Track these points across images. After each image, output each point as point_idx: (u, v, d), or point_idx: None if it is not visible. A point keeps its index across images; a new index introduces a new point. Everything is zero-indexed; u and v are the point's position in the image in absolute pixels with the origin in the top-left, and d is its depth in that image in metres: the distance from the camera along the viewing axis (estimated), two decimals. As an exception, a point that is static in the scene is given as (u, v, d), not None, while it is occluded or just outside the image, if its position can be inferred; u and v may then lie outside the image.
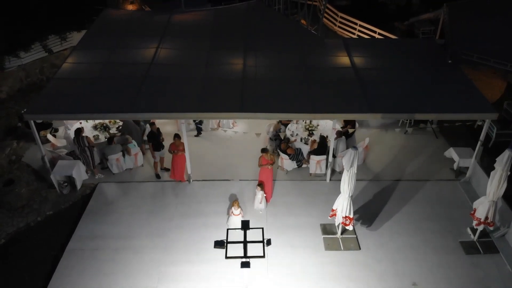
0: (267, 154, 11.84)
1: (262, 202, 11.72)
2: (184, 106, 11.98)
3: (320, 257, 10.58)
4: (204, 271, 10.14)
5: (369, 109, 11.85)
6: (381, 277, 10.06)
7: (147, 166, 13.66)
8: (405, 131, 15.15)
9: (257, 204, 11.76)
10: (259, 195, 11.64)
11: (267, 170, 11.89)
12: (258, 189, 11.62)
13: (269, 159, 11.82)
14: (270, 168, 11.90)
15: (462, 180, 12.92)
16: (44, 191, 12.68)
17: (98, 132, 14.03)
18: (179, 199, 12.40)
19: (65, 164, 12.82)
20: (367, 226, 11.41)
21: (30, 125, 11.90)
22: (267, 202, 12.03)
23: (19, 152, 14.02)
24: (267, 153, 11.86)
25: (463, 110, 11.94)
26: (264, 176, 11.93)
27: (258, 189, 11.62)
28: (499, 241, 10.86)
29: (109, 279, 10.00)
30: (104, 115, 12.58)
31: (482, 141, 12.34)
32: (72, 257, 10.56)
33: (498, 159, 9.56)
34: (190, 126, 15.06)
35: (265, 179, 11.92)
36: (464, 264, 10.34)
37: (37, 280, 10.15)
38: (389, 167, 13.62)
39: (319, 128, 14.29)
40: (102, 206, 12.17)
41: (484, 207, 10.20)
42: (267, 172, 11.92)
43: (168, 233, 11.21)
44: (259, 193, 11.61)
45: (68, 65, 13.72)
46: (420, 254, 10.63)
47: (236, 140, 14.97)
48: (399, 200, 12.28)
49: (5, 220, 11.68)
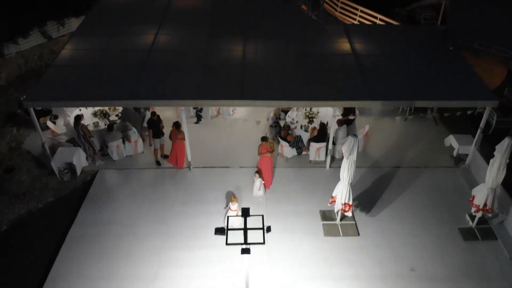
0: (266, 143, 11.83)
1: (261, 189, 11.78)
2: (184, 94, 11.95)
3: (319, 243, 10.67)
4: (204, 257, 10.24)
5: (370, 96, 11.82)
6: (380, 263, 10.17)
7: (147, 153, 13.69)
8: (405, 119, 15.14)
9: (256, 191, 11.82)
10: (257, 182, 11.69)
11: (267, 158, 11.91)
12: (256, 176, 11.66)
13: (268, 147, 11.82)
14: (269, 156, 11.91)
15: (462, 167, 12.96)
16: (45, 178, 12.73)
17: (98, 119, 14.02)
18: (179, 186, 12.46)
19: (65, 151, 12.85)
20: (366, 213, 11.49)
21: (30, 112, 11.89)
22: (266, 189, 12.08)
23: (19, 139, 14.04)
24: (266, 141, 11.85)
25: (463, 97, 11.91)
26: (264, 164, 11.96)
27: (256, 176, 11.66)
28: (497, 228, 10.93)
29: (111, 265, 10.11)
30: (104, 102, 12.56)
31: (482, 128, 12.34)
32: (74, 243, 10.66)
33: (498, 146, 9.58)
34: (190, 113, 15.05)
35: (265, 167, 11.95)
36: (462, 251, 10.43)
37: (40, 266, 10.26)
38: (389, 154, 13.65)
39: (319, 115, 14.28)
40: (103, 193, 12.23)
41: (483, 194, 10.26)
42: (267, 160, 11.94)
43: (169, 219, 11.29)
44: (257, 180, 11.65)
45: (67, 52, 13.65)
46: (418, 240, 10.72)
47: (236, 127, 14.96)
48: (398, 187, 12.33)
49: (6, 207, 11.75)
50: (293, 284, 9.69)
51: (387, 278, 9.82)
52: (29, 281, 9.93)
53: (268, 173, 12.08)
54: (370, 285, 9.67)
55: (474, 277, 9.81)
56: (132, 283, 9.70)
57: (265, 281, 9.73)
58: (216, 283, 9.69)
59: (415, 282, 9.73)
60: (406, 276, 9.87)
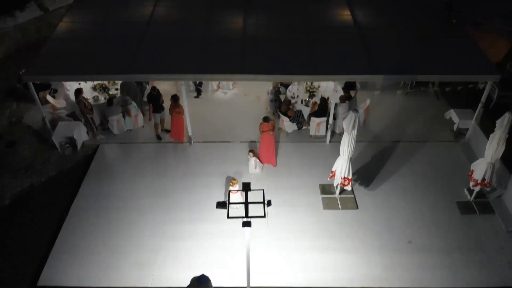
0: (268, 122, 11.72)
1: (257, 167, 11.82)
2: (183, 68, 11.86)
3: (318, 216, 10.83)
4: (206, 230, 10.42)
5: (371, 70, 11.75)
6: (377, 235, 10.36)
7: (147, 128, 13.70)
8: (406, 93, 15.08)
9: (252, 170, 11.88)
10: (252, 161, 11.70)
11: (268, 136, 11.84)
12: (250, 155, 11.66)
13: (270, 125, 11.72)
14: (271, 134, 11.85)
15: (461, 141, 13.00)
16: (46, 152, 12.79)
17: (97, 93, 13.96)
18: (180, 160, 12.53)
19: (65, 125, 12.88)
20: (365, 187, 11.61)
21: (29, 86, 11.83)
22: (274, 166, 12.15)
23: (19, 114, 14.03)
24: (268, 121, 11.73)
25: (465, 71, 11.84)
26: (266, 142, 11.89)
27: (250, 155, 11.66)
28: (495, 202, 11.06)
29: (114, 238, 10.29)
30: (103, 76, 12.51)
31: (483, 102, 12.31)
32: (77, 217, 10.81)
33: (498, 121, 9.60)
34: (190, 87, 14.98)
35: (266, 145, 11.90)
36: (459, 224, 10.60)
37: (44, 239, 10.43)
38: (389, 128, 13.68)
39: (320, 90, 14.20)
40: (104, 167, 12.33)
41: (482, 169, 10.33)
42: (269, 138, 11.86)
43: (170, 193, 11.42)
44: (252, 159, 11.67)
45: (65, 25, 13.47)
46: (416, 213, 10.87)
47: (236, 102, 14.91)
48: (397, 161, 12.41)
49: (9, 181, 11.86)
50: (292, 255, 9.91)
51: (384, 249, 10.02)
52: (34, 253, 10.12)
53: (271, 151, 12.03)
54: (368, 256, 9.88)
55: (471, 249, 10.00)
56: (136, 255, 9.90)
57: (266, 252, 9.94)
58: (218, 255, 9.90)
59: (412, 254, 9.93)
60: (403, 248, 10.07)
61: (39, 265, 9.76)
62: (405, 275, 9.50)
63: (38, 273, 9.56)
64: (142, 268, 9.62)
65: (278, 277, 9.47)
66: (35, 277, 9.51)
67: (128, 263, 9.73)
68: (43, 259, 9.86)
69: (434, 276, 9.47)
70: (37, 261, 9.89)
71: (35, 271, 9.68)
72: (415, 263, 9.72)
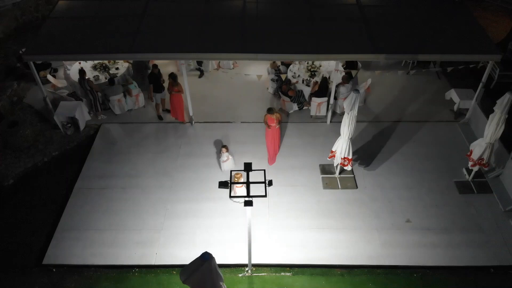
0: (272, 114, 11.10)
1: (229, 160, 11.26)
2: (183, 47, 11.79)
3: (318, 195, 10.99)
4: (208, 209, 10.59)
5: (373, 49, 11.69)
6: (377, 214, 10.53)
7: (149, 107, 13.73)
8: (407, 72, 15.04)
9: (224, 166, 11.31)
10: (224, 157, 11.15)
11: (274, 129, 11.30)
12: (223, 150, 11.10)
13: (275, 118, 11.12)
14: (277, 127, 11.35)
15: (461, 121, 13.05)
16: (48, 132, 12.86)
17: (98, 72, 13.93)
18: (182, 140, 12.62)
19: (67, 105, 12.90)
20: (364, 166, 11.72)
21: (30, 66, 11.80)
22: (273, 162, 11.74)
23: (20, 93, 14.03)
24: (272, 113, 11.10)
25: (466, 51, 11.78)
26: (271, 135, 11.36)
27: (223, 150, 11.10)
28: (493, 182, 11.18)
29: (118, 217, 10.47)
30: (103, 56, 12.43)
31: (483, 82, 12.31)
32: (81, 196, 10.97)
33: (498, 101, 9.63)
34: (191, 67, 14.93)
35: (271, 139, 11.41)
36: (457, 203, 10.75)
37: (47, 219, 10.60)
38: (390, 108, 13.70)
39: (322, 69, 14.16)
40: (106, 147, 12.42)
41: (481, 149, 10.42)
42: (274, 132, 11.34)
43: (173, 172, 11.55)
44: (224, 155, 11.13)
45: (64, 3, 13.33)
46: (414, 193, 11.02)
47: (237, 81, 14.88)
48: (397, 141, 12.49)
49: (12, 161, 11.97)
50: (293, 233, 10.09)
51: (383, 228, 10.20)
52: (38, 233, 10.30)
53: (276, 145, 11.64)
54: (367, 234, 10.07)
55: (468, 228, 10.17)
56: (140, 233, 10.10)
57: (267, 231, 10.13)
58: (220, 233, 10.09)
59: (410, 232, 10.11)
60: (401, 227, 10.24)
61: (44, 244, 9.95)
62: (403, 253, 9.70)
63: (44, 252, 9.77)
64: (145, 246, 9.83)
65: (279, 255, 9.68)
66: (41, 256, 9.72)
67: (131, 242, 9.93)
68: (48, 239, 10.05)
69: (432, 255, 9.66)
70: (42, 241, 10.09)
71: (40, 250, 9.88)
72: (413, 242, 9.92)
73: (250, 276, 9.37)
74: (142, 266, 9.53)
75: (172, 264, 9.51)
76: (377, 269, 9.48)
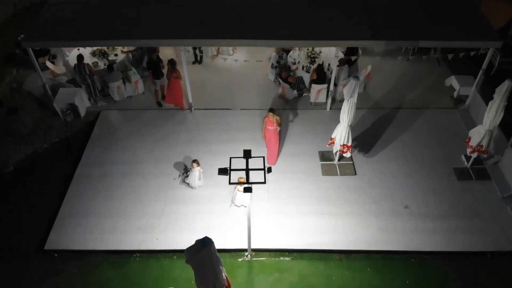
0: (273, 115, 10.76)
1: (201, 179, 10.70)
2: (183, 33, 11.72)
3: (317, 182, 11.04)
4: (208, 195, 10.66)
5: (373, 36, 11.62)
6: (375, 200, 10.60)
7: (148, 94, 13.72)
8: (408, 59, 14.98)
9: (195, 182, 10.65)
10: (196, 171, 10.48)
11: (273, 132, 10.99)
12: (194, 165, 10.35)
13: (275, 121, 10.82)
14: (278, 130, 11.04)
15: (461, 108, 13.05)
16: (48, 119, 12.86)
17: (97, 58, 13.88)
18: (181, 127, 12.64)
19: (66, 92, 12.89)
20: (364, 153, 11.76)
21: (29, 52, 11.76)
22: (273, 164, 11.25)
23: (20, 80, 13.99)
24: (274, 113, 10.77)
25: (467, 37, 11.71)
26: (268, 137, 11.10)
27: (194, 165, 10.35)
28: (492, 168, 11.23)
29: (118, 203, 10.55)
30: (102, 42, 12.36)
31: (484, 69, 12.27)
32: (81, 183, 11.03)
33: (498, 89, 9.62)
34: (190, 53, 14.86)
35: (268, 141, 11.16)
36: (455, 190, 10.81)
37: (48, 205, 10.67)
38: (389, 95, 13.69)
39: (322, 55, 14.09)
40: (106, 133, 12.45)
41: (480, 136, 10.43)
42: (271, 133, 11.01)
43: (172, 159, 11.59)
44: (196, 169, 10.46)
45: (62, -12, 13.20)
46: (413, 179, 11.07)
47: (236, 68, 14.83)
48: (397, 128, 12.51)
49: (13, 148, 12.00)
50: (292, 219, 10.18)
51: (381, 214, 10.29)
52: (39, 219, 10.39)
53: (275, 148, 11.29)
54: (365, 220, 10.16)
55: (466, 215, 10.25)
56: (140, 219, 10.18)
57: (266, 217, 10.21)
58: (220, 219, 10.18)
59: (408, 218, 10.20)
60: (399, 213, 10.33)
61: (46, 230, 10.04)
62: (401, 239, 9.80)
63: (45, 238, 9.87)
64: (146, 232, 9.93)
65: (278, 240, 9.78)
66: (42, 241, 9.82)
67: (132, 227, 10.02)
68: (49, 225, 10.14)
69: (429, 240, 9.76)
70: (44, 227, 10.17)
71: (42, 236, 9.98)
72: (411, 228, 10.01)
73: (249, 260, 9.51)
74: (143, 251, 9.66)
75: (172, 249, 9.63)
76: (375, 254, 9.62)
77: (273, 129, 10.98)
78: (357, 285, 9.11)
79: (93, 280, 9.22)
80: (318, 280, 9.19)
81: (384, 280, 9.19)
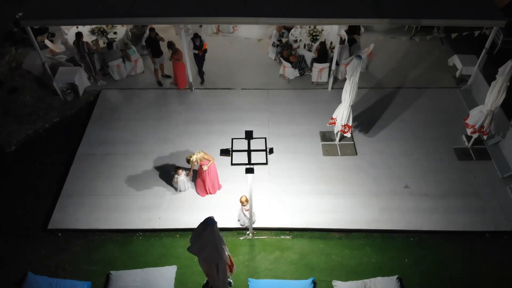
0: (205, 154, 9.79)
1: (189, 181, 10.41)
2: (183, 10, 11.55)
3: (318, 162, 11.09)
4: (210, 175, 10.70)
5: (376, 14, 11.46)
6: (376, 180, 10.67)
7: (148, 73, 13.62)
8: (411, 38, 14.82)
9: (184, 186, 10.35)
10: (181, 177, 10.10)
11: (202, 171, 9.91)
12: (179, 172, 9.98)
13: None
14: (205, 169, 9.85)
15: (463, 88, 12.99)
16: (49, 98, 12.82)
17: (96, 36, 13.71)
18: (182, 106, 12.60)
19: (66, 71, 12.81)
20: (364, 133, 11.77)
21: (27, 31, 11.61)
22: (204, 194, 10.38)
23: (19, 59, 13.89)
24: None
25: (470, 16, 11.56)
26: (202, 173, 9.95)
27: (179, 172, 9.98)
28: (492, 149, 11.26)
29: (121, 182, 10.61)
30: (101, 20, 12.19)
31: (487, 48, 12.15)
32: (83, 162, 11.07)
33: (501, 69, 9.55)
34: (190, 31, 14.66)
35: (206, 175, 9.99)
36: (455, 169, 10.87)
37: (51, 184, 10.76)
38: (392, 74, 13.60)
39: (324, 34, 13.92)
40: (107, 113, 12.42)
41: (481, 116, 10.41)
42: (202, 172, 9.93)
43: (174, 139, 11.61)
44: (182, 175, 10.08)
45: (60, -35, 12.93)
46: (413, 159, 11.11)
47: (237, 46, 14.68)
48: (398, 107, 12.48)
49: (14, 127, 12.00)
50: (293, 199, 10.28)
51: (381, 194, 10.38)
52: (42, 198, 10.48)
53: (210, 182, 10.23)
54: (366, 199, 10.26)
55: (466, 194, 10.33)
56: (143, 199, 10.27)
57: (268, 196, 10.31)
58: (222, 198, 10.28)
59: (408, 198, 10.29)
60: (399, 192, 10.41)
61: (49, 210, 10.15)
62: (401, 218, 9.91)
63: (49, 217, 9.97)
64: (148, 211, 10.03)
65: (279, 219, 9.90)
66: (46, 221, 9.93)
67: (135, 207, 10.12)
68: (53, 204, 10.22)
69: (429, 220, 9.86)
70: (47, 206, 10.27)
71: (45, 215, 10.09)
72: (411, 207, 10.10)
73: (251, 239, 9.65)
74: (146, 230, 9.78)
75: (175, 228, 9.75)
76: (374, 233, 9.74)
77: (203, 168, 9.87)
78: (357, 263, 9.26)
79: (97, 258, 9.36)
80: (318, 258, 9.34)
81: (383, 258, 9.35)
